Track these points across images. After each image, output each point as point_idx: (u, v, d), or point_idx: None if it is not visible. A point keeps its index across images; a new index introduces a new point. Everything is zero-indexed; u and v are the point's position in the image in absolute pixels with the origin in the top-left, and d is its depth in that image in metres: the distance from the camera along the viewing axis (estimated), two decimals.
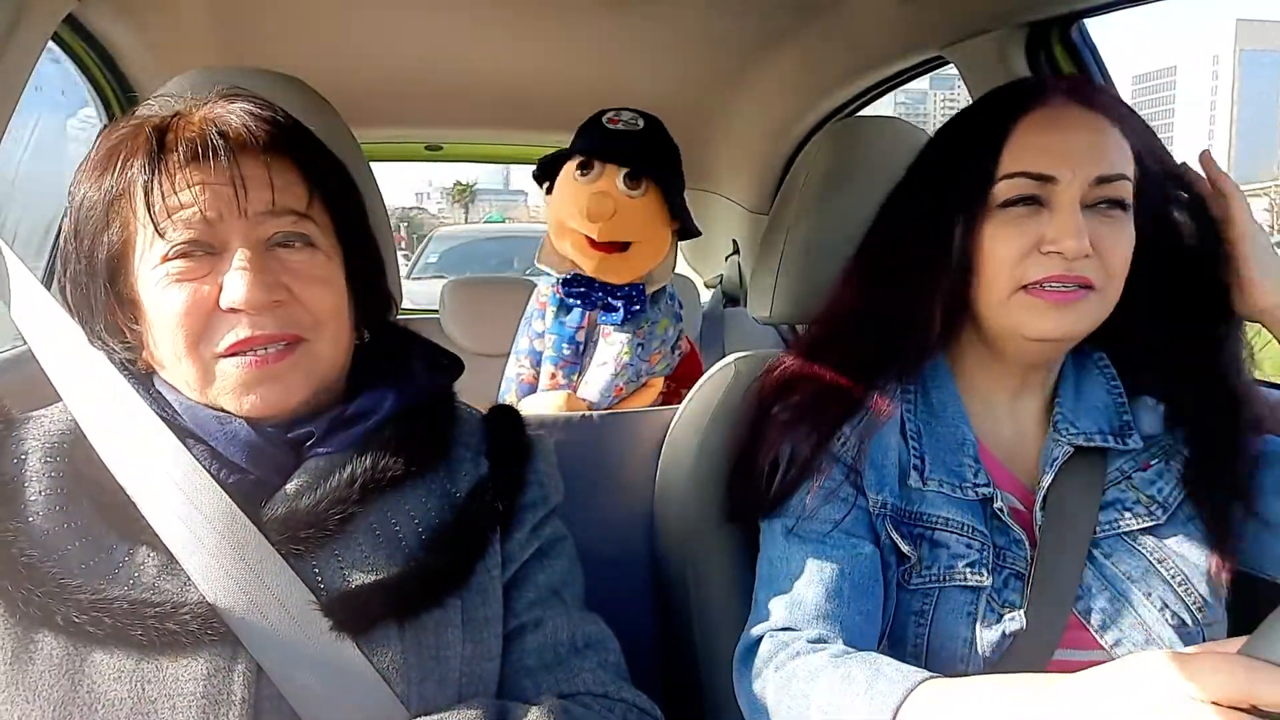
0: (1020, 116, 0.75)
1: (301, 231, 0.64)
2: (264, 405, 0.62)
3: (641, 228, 1.26)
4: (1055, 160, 0.72)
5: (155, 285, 0.61)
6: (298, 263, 0.63)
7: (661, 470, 1.05)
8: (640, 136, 1.27)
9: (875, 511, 0.77)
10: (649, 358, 1.34)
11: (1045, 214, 0.72)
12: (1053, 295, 0.72)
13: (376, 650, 0.60)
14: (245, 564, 0.59)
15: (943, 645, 0.73)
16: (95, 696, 0.56)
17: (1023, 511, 0.77)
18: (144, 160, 0.61)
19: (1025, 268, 0.72)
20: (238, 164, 0.61)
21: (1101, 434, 0.77)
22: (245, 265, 0.60)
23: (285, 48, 1.63)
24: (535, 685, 0.66)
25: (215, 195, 0.61)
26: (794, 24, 1.54)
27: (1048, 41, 1.20)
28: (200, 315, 0.61)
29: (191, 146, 0.61)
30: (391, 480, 0.65)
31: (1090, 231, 0.71)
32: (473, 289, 2.11)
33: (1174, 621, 0.71)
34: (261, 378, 0.61)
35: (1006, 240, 0.73)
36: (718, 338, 2.06)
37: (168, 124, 0.63)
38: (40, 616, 0.56)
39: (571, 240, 1.28)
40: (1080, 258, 0.70)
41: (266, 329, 0.61)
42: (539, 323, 1.37)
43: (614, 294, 1.30)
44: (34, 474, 0.62)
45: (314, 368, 0.64)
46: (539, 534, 0.72)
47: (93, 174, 0.63)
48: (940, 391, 0.81)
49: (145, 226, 0.61)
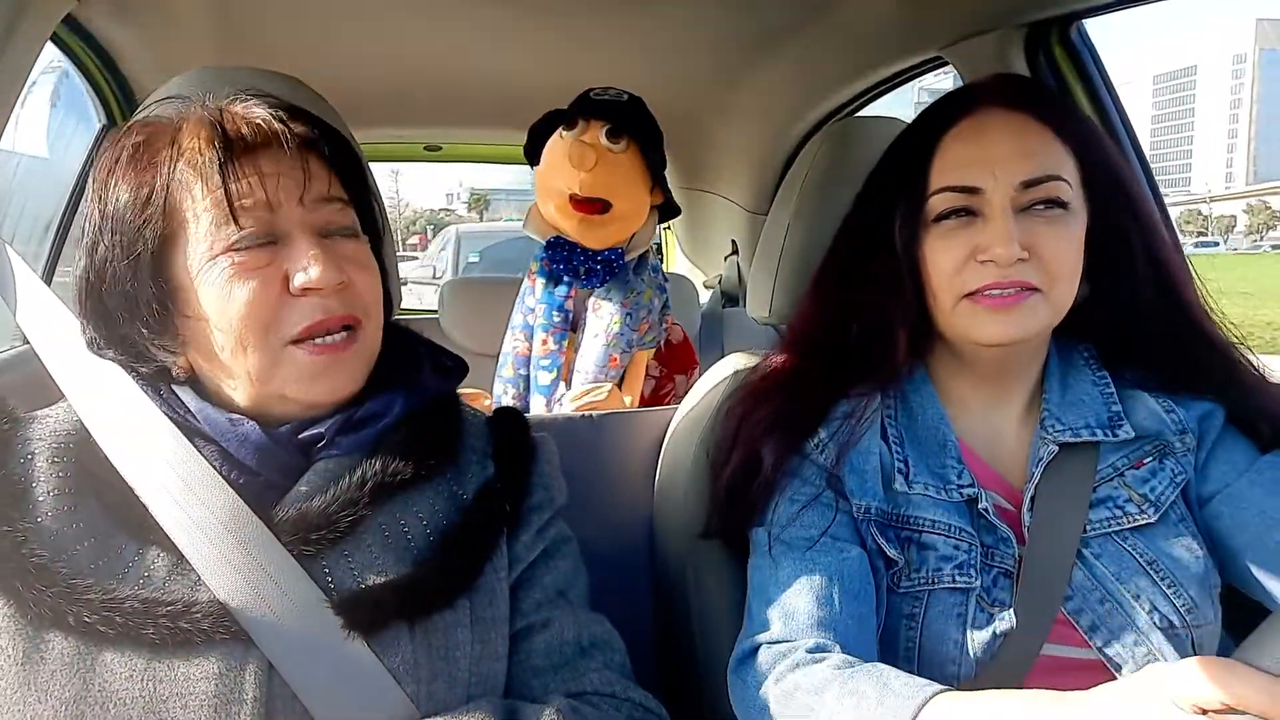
0: (947, 130, 0.77)
1: (348, 221, 0.67)
2: (331, 392, 0.64)
3: (621, 184, 1.34)
4: (978, 171, 0.73)
5: (216, 278, 0.61)
6: (350, 250, 0.66)
7: (661, 470, 1.05)
8: (624, 103, 1.36)
9: (859, 517, 0.77)
10: (638, 327, 1.40)
11: (978, 223, 0.73)
12: (992, 301, 0.73)
13: (387, 650, 0.60)
14: (257, 563, 0.59)
15: (934, 647, 0.73)
16: (107, 695, 0.56)
17: (1010, 510, 0.77)
18: (208, 151, 0.61)
19: (964, 278, 0.74)
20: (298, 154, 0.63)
21: (1089, 428, 0.77)
22: (316, 248, 0.62)
23: (285, 48, 1.63)
24: (543, 685, 0.66)
25: (277, 183, 0.62)
26: (793, 24, 1.54)
27: (1047, 42, 1.20)
28: (269, 303, 0.61)
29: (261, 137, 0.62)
30: (401, 483, 0.66)
31: (1027, 234, 0.72)
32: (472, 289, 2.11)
33: (1162, 624, 0.71)
34: (331, 365, 0.63)
35: (944, 252, 0.75)
36: (717, 337, 2.06)
37: (220, 117, 0.63)
38: (51, 617, 0.57)
39: (556, 202, 1.36)
40: (1013, 263, 0.71)
41: (335, 311, 0.63)
42: (530, 298, 1.44)
43: (594, 258, 1.37)
44: (41, 474, 0.62)
45: (368, 354, 0.67)
46: (544, 535, 0.72)
47: (125, 173, 0.62)
48: (919, 395, 0.81)
49: (199, 217, 0.61)
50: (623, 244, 1.40)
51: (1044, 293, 0.73)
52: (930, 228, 0.76)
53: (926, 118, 0.80)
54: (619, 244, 1.39)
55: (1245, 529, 0.74)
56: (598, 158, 1.30)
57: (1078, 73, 1.21)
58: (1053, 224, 0.73)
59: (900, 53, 1.46)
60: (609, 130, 1.32)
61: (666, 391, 1.51)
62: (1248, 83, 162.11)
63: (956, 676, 0.72)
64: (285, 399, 0.64)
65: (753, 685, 0.72)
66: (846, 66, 1.62)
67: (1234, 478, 0.76)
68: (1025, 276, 0.72)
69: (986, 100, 0.76)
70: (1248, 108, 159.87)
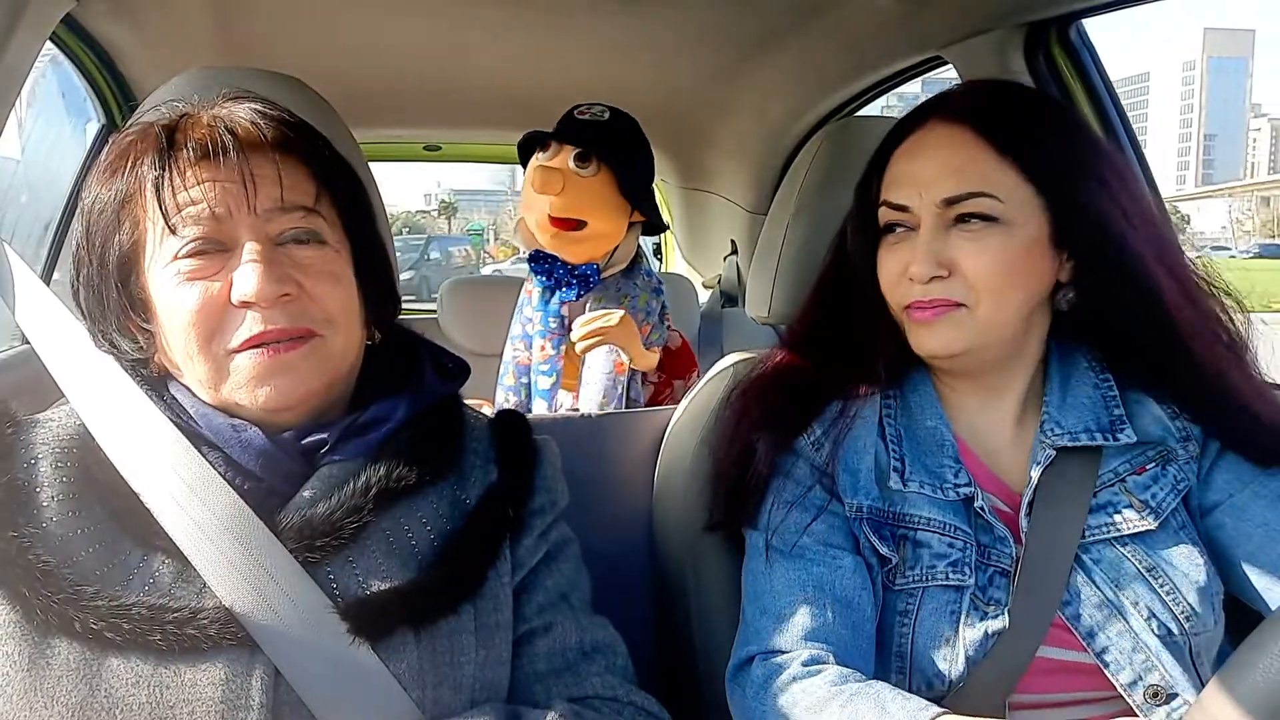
0: (897, 144, 0.78)
1: (311, 228, 0.64)
2: (278, 397, 0.62)
3: (591, 206, 1.36)
4: (905, 189, 0.75)
5: (167, 284, 0.61)
6: (308, 258, 0.64)
7: (661, 470, 1.05)
8: (601, 125, 1.37)
9: (851, 516, 0.77)
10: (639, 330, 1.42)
11: (913, 237, 0.75)
12: (918, 314, 0.75)
13: (392, 656, 0.60)
14: (262, 569, 0.59)
15: (926, 644, 0.73)
16: (113, 702, 0.55)
17: (1007, 511, 0.77)
18: (154, 158, 0.61)
19: (901, 291, 0.76)
20: (247, 161, 0.61)
21: (1088, 432, 0.77)
22: (255, 259, 0.60)
23: (284, 48, 1.63)
24: (545, 690, 0.66)
25: (225, 192, 0.61)
26: (792, 24, 1.54)
27: (1046, 42, 1.20)
28: (212, 312, 0.61)
29: (201, 144, 0.61)
30: (405, 488, 0.65)
31: (950, 250, 0.73)
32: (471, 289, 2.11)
33: (1160, 631, 0.71)
34: (275, 368, 0.61)
35: (886, 265, 0.78)
36: (716, 338, 2.06)
37: (176, 124, 0.63)
38: (58, 623, 0.56)
39: (536, 218, 1.39)
40: (927, 281, 0.73)
41: (278, 323, 0.61)
42: (528, 308, 1.48)
43: (571, 271, 1.41)
44: (45, 479, 0.61)
45: (326, 361, 0.64)
46: (547, 538, 0.72)
47: (104, 176, 0.64)
48: (918, 396, 0.81)
49: (155, 224, 0.61)
50: (601, 259, 1.42)
51: (969, 308, 0.73)
52: (883, 240, 0.79)
53: (893, 130, 0.81)
54: (597, 259, 1.42)
55: (1248, 540, 0.74)
56: (564, 183, 1.33)
57: (1077, 73, 1.21)
58: (977, 239, 0.72)
59: (899, 53, 1.46)
60: (577, 155, 1.35)
61: (665, 396, 1.53)
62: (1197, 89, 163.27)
63: (948, 674, 0.72)
64: (240, 407, 0.63)
65: (751, 697, 0.72)
66: (846, 66, 1.62)
67: (1238, 489, 0.75)
68: (945, 294, 0.73)
69: (934, 113, 0.77)
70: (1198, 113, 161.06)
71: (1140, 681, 0.70)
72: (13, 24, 0.90)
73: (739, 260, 2.22)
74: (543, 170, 1.33)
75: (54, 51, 1.34)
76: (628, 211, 1.40)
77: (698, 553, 0.91)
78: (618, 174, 1.36)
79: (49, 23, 1.00)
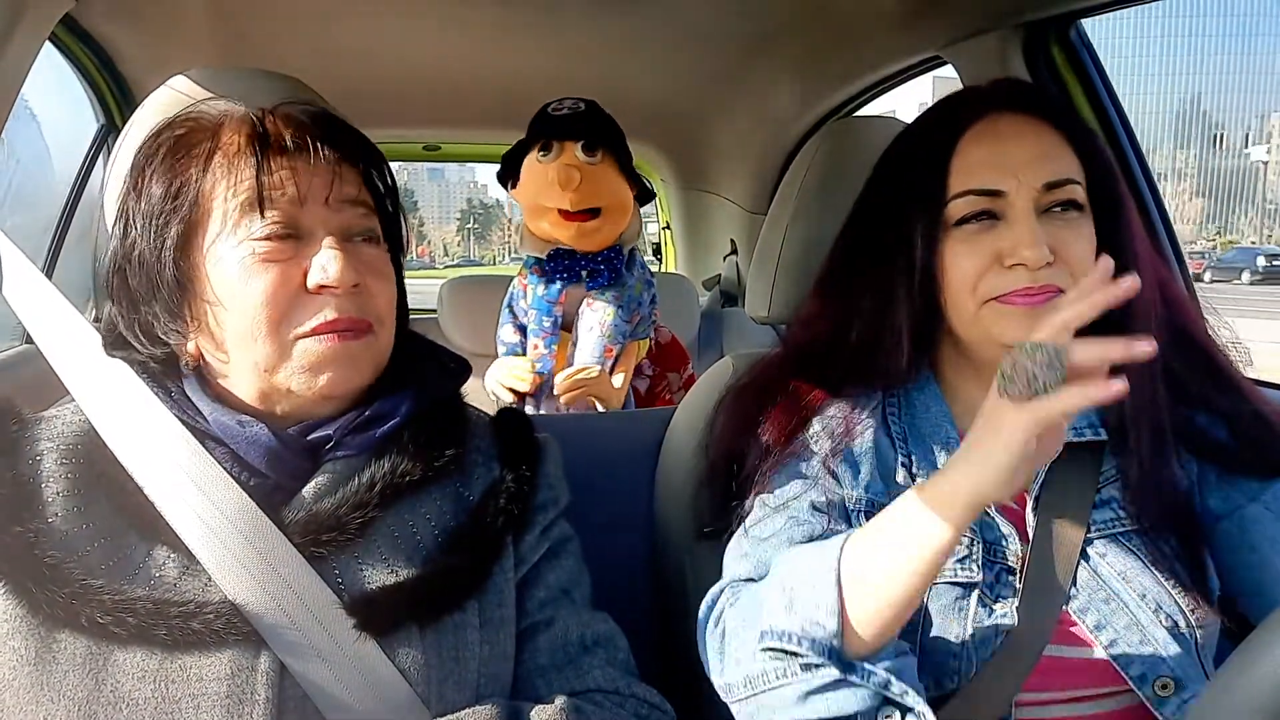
0: (963, 132, 0.76)
1: (371, 226, 0.68)
2: (334, 385, 0.63)
3: (607, 191, 1.42)
4: (1000, 173, 0.73)
5: (236, 265, 0.62)
6: (370, 256, 0.66)
7: (661, 470, 1.05)
8: (585, 116, 1.42)
9: (853, 507, 0.77)
10: (630, 318, 1.47)
11: (1001, 227, 0.73)
12: (1022, 301, 0.72)
13: (397, 651, 0.61)
14: (268, 564, 0.60)
15: (934, 642, 0.73)
16: (119, 696, 0.56)
17: (1013, 508, 0.77)
18: (245, 146, 0.63)
19: (990, 283, 0.73)
20: (333, 153, 0.64)
21: (1093, 427, 0.77)
22: (337, 247, 0.63)
23: (283, 48, 1.63)
24: (547, 684, 0.67)
25: (306, 181, 0.63)
26: (792, 24, 1.54)
27: (1045, 42, 1.20)
28: (287, 296, 0.62)
29: (296, 139, 0.64)
30: (409, 484, 0.66)
31: (1049, 237, 0.71)
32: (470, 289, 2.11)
33: (1167, 623, 0.71)
34: (338, 355, 0.63)
35: (967, 257, 0.74)
36: (715, 337, 2.06)
37: (262, 116, 0.65)
38: (64, 618, 0.57)
39: (548, 219, 1.43)
40: (1042, 266, 0.71)
41: (349, 312, 0.63)
42: (522, 301, 1.52)
43: (595, 260, 1.45)
44: (51, 475, 0.62)
45: (377, 356, 0.67)
46: (549, 535, 0.73)
47: (166, 160, 0.64)
48: (923, 394, 0.81)
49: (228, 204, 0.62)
50: (616, 243, 1.47)
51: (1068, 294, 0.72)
52: (950, 231, 0.75)
53: (934, 122, 0.79)
54: (612, 243, 1.46)
55: (1253, 551, 0.73)
56: (581, 175, 1.38)
57: (1076, 73, 1.21)
58: (1072, 226, 0.72)
59: (899, 53, 1.46)
60: (584, 146, 1.40)
61: (661, 388, 1.59)
62: None
63: (958, 672, 0.72)
64: (289, 394, 0.64)
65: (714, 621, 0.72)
66: (846, 66, 1.62)
67: (1245, 502, 0.75)
68: (1054, 280, 0.71)
69: (997, 105, 0.76)
70: None
71: (1150, 674, 0.70)
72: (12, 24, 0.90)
73: (739, 260, 2.22)
74: (563, 169, 1.38)
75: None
76: (630, 188, 1.46)
77: (698, 552, 0.91)
78: (618, 156, 1.42)
79: (48, 23, 1.00)
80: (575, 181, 1.36)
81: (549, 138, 1.41)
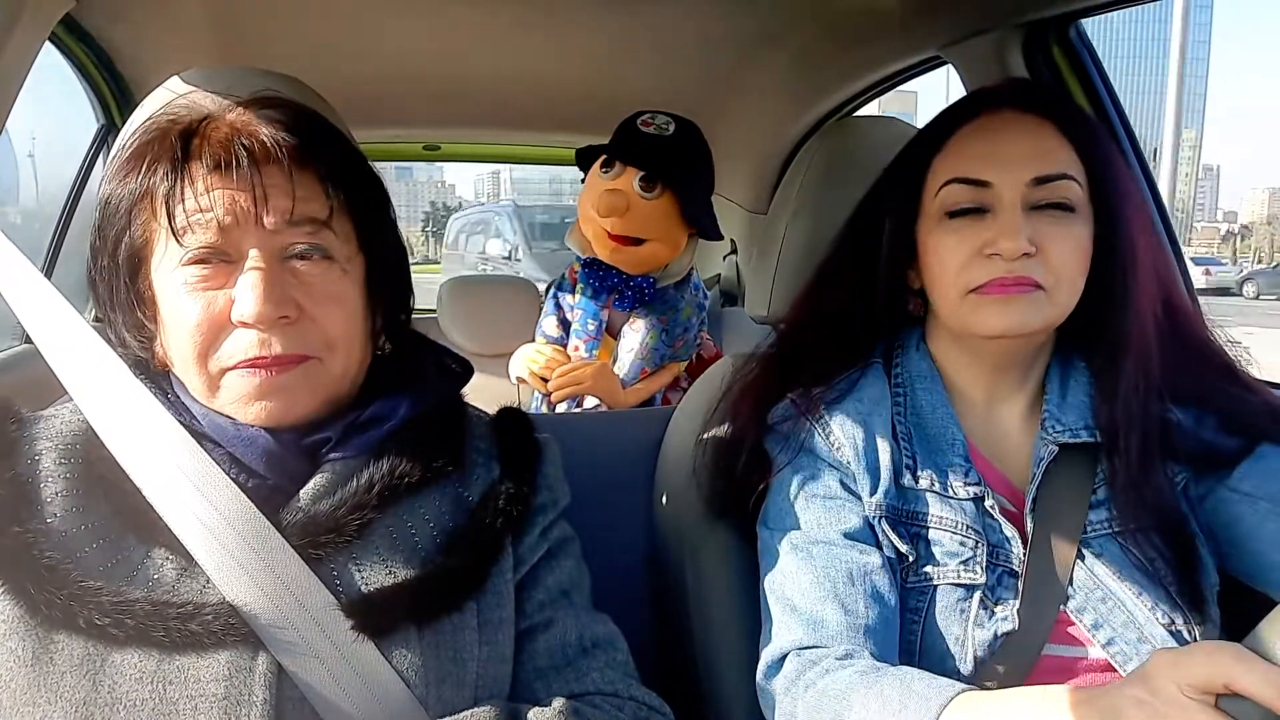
0: (958, 127, 0.77)
1: (319, 243, 0.63)
2: (270, 416, 0.62)
3: (653, 228, 1.33)
4: (989, 164, 0.74)
5: (171, 289, 0.62)
6: (313, 277, 0.63)
7: (661, 470, 1.05)
8: (665, 142, 1.33)
9: (872, 514, 0.77)
10: (673, 343, 1.42)
11: (988, 219, 0.74)
12: (997, 290, 0.73)
13: (395, 653, 0.60)
14: (266, 566, 0.59)
15: (935, 642, 0.73)
16: (117, 697, 0.56)
17: (1014, 511, 0.77)
18: (168, 164, 0.61)
19: (970, 272, 0.74)
20: (259, 173, 0.61)
21: (1089, 429, 0.78)
22: (257, 275, 0.60)
23: (283, 48, 1.62)
24: (546, 686, 0.66)
25: (234, 203, 0.60)
26: (792, 24, 1.54)
27: (1045, 41, 1.20)
28: (212, 328, 0.61)
29: (216, 155, 0.61)
30: (408, 485, 0.65)
31: (1034, 232, 0.72)
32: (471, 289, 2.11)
33: (1165, 620, 0.71)
34: (267, 389, 0.61)
35: (952, 248, 0.75)
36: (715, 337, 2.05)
37: (195, 128, 0.63)
38: (62, 619, 0.56)
39: (592, 229, 1.37)
40: (1018, 257, 0.71)
41: (273, 350, 0.60)
42: (569, 296, 1.47)
43: (628, 282, 1.39)
44: (49, 475, 0.61)
45: (322, 383, 0.64)
46: (548, 536, 0.72)
47: (120, 172, 0.64)
48: (929, 394, 0.82)
49: (164, 227, 0.61)
50: (656, 271, 1.40)
51: (1047, 291, 0.73)
52: (940, 223, 0.76)
53: (936, 121, 0.80)
54: (653, 271, 1.40)
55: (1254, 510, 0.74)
56: (629, 205, 1.30)
57: (1075, 72, 1.21)
58: (1060, 224, 0.73)
59: (899, 52, 1.46)
60: (642, 179, 1.32)
61: None
62: None
63: (956, 673, 0.72)
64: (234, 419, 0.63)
65: (783, 692, 0.71)
66: (846, 66, 1.62)
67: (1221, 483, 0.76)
68: (1030, 273, 0.72)
69: (998, 103, 0.77)
70: None
71: None
72: (12, 24, 0.90)
73: (738, 259, 2.22)
74: (609, 195, 1.31)
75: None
76: (687, 231, 1.38)
77: (697, 550, 0.91)
78: (680, 199, 1.34)
79: (48, 23, 1.00)
80: (620, 210, 1.30)
81: (614, 156, 1.35)
